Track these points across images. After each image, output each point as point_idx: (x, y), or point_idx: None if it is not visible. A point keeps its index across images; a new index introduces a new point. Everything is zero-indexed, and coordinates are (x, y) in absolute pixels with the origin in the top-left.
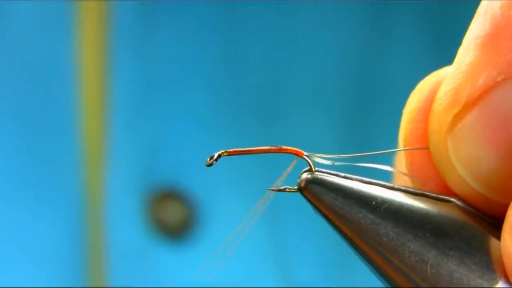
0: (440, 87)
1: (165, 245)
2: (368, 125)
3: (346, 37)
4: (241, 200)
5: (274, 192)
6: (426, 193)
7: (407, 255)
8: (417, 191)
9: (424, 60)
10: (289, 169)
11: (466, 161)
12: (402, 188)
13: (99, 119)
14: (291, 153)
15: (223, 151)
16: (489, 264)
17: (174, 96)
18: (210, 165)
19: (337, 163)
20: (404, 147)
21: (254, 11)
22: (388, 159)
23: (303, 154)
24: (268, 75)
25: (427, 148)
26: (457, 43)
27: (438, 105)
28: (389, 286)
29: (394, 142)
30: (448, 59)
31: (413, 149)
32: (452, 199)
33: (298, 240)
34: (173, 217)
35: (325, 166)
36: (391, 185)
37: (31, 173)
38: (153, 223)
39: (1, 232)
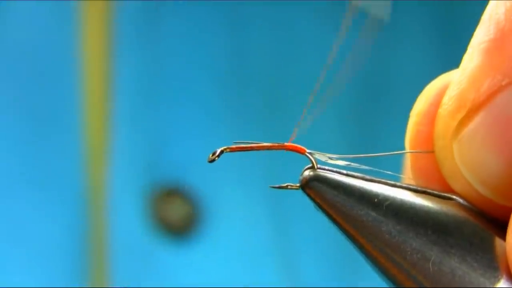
0: (445, 92)
1: (168, 243)
2: (373, 125)
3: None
4: (245, 197)
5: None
6: (428, 190)
7: (409, 253)
8: (419, 188)
9: (432, 60)
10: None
11: (472, 165)
12: (404, 185)
13: (102, 116)
14: (293, 150)
15: (225, 147)
16: (491, 262)
17: (178, 93)
18: (212, 161)
19: (339, 162)
20: (409, 149)
21: (260, 6)
22: (392, 160)
23: (305, 151)
24: (274, 73)
25: (433, 151)
26: (465, 44)
27: (443, 110)
28: (391, 284)
29: (398, 144)
30: (456, 59)
31: (418, 152)
32: (454, 197)
33: (302, 239)
34: (176, 215)
35: (328, 164)
36: (393, 182)
37: (34, 170)
38: (156, 221)
39: (2, 230)
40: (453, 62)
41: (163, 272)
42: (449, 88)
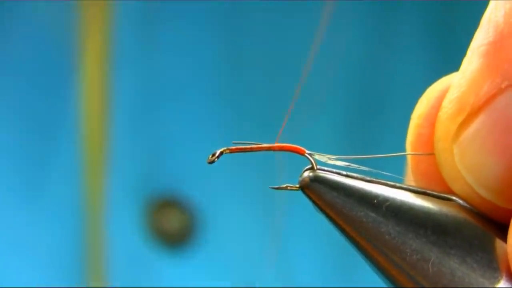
0: (445, 96)
1: (165, 253)
2: (371, 130)
3: (350, 42)
4: (241, 207)
5: (275, 192)
6: (428, 191)
7: (408, 254)
8: (419, 189)
9: (427, 66)
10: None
11: (472, 168)
12: (404, 186)
13: (100, 126)
14: (292, 151)
15: (224, 148)
16: (491, 263)
17: (175, 104)
18: (211, 162)
19: (339, 163)
20: (410, 151)
21: (256, 14)
22: (392, 161)
23: (305, 152)
24: (271, 80)
25: (433, 154)
26: (461, 49)
27: (444, 113)
28: (391, 285)
29: (398, 146)
30: (452, 64)
31: (419, 154)
32: (453, 197)
33: (300, 247)
34: (173, 225)
35: (327, 165)
36: (392, 183)
37: (32, 179)
38: (153, 231)
39: (0, 238)
40: (448, 66)
41: (160, 282)
42: (449, 91)
